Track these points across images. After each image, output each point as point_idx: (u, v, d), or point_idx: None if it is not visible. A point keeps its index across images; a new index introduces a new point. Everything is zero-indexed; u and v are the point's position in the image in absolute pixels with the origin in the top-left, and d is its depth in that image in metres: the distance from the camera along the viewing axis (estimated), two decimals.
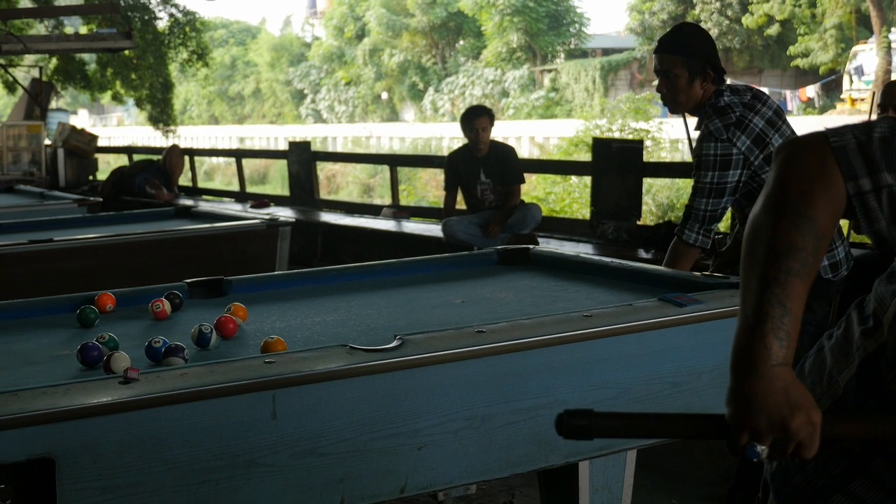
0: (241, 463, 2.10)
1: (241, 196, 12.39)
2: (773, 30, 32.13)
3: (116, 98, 21.27)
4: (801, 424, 1.44)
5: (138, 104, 21.70)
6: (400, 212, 9.50)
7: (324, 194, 15.29)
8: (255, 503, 2.13)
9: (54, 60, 19.00)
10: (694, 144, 3.60)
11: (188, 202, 9.57)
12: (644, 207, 7.28)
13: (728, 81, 3.60)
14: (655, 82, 3.66)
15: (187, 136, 37.54)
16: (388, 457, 2.29)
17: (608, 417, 1.55)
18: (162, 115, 21.10)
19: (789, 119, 3.58)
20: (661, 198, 15.66)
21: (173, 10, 20.27)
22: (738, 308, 1.53)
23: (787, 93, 29.53)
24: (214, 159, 32.96)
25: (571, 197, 14.96)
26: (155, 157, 12.11)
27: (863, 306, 1.69)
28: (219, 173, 33.77)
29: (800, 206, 1.48)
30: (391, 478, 2.31)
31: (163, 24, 20.38)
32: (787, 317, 1.47)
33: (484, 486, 3.97)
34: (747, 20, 32.11)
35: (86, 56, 20.10)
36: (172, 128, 21.40)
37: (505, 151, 7.21)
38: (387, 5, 43.43)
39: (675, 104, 3.62)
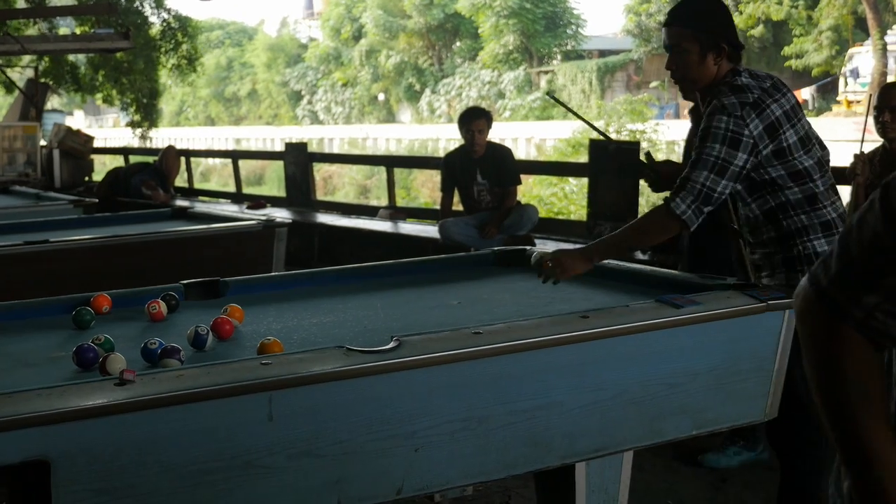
0: (237, 464, 2.09)
1: (237, 197, 12.38)
2: (758, 31, 32.16)
3: (107, 100, 21.24)
4: None
5: (124, 107, 21.68)
6: (397, 213, 9.49)
7: (320, 195, 15.28)
8: None
9: (46, 61, 18.96)
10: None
11: (184, 203, 9.55)
12: (639, 210, 7.29)
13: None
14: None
15: (183, 137, 37.55)
16: (385, 458, 2.28)
17: None
18: (143, 121, 21.07)
19: None
20: (654, 199, 15.66)
21: (165, 15, 20.28)
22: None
23: None
24: (211, 160, 33.01)
25: (568, 198, 14.98)
26: (151, 159, 12.09)
27: None
28: (215, 174, 33.79)
29: (849, 391, 1.48)
30: (388, 479, 2.31)
31: (155, 28, 20.39)
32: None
33: (480, 487, 3.96)
34: (736, 19, 32.15)
35: (78, 57, 20.07)
36: (150, 133, 21.37)
37: (501, 153, 7.21)
38: (384, 6, 43.46)
39: (685, 82, 3.28)
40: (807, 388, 3.06)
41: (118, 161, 15.02)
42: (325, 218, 9.64)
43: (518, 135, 29.89)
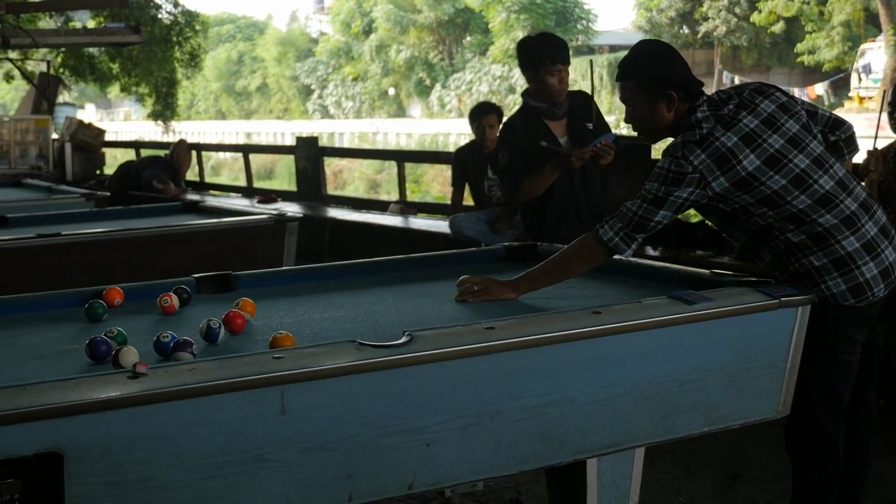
0: (249, 458, 2.09)
1: (248, 191, 12.39)
2: (778, 27, 32.04)
3: (125, 89, 21.31)
4: None
5: (139, 100, 21.75)
6: (407, 208, 9.49)
7: (331, 190, 15.28)
8: (263, 498, 2.13)
9: (61, 55, 19.03)
10: None
11: (195, 197, 9.57)
12: None
13: (711, 90, 3.11)
14: None
15: (194, 130, 37.60)
16: (397, 453, 2.28)
17: None
18: (165, 111, 21.13)
19: None
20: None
21: (173, 10, 20.33)
22: None
23: (796, 90, 29.44)
24: (221, 154, 32.98)
25: None
26: (162, 153, 12.11)
27: None
28: (225, 168, 33.80)
29: None
30: (399, 474, 2.31)
31: (167, 19, 20.44)
32: None
33: (491, 482, 3.96)
34: (756, 17, 32.05)
35: (93, 51, 20.14)
36: (173, 123, 21.44)
37: None
38: (394, 1, 43.42)
39: (642, 132, 3.23)
40: (822, 397, 3.05)
41: (129, 154, 15.05)
42: (335, 212, 9.65)
43: None
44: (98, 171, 14.55)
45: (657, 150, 4.95)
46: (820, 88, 29.15)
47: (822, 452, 3.13)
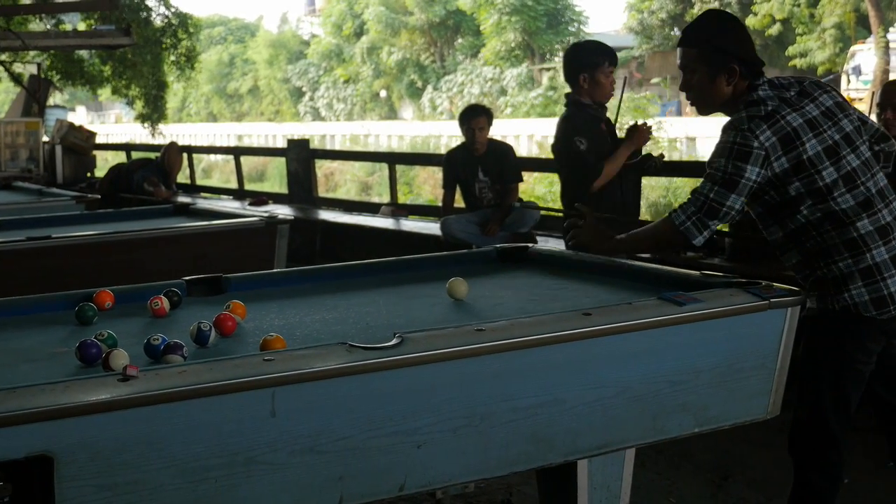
0: (240, 461, 2.09)
1: (239, 194, 12.38)
2: (775, 29, 32.11)
3: (117, 91, 21.26)
4: None
5: (130, 102, 21.70)
6: (398, 210, 9.49)
7: (322, 192, 15.29)
8: (254, 501, 2.13)
9: (51, 57, 18.98)
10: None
11: (186, 199, 9.56)
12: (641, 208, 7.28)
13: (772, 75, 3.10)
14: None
15: (185, 133, 37.55)
16: (388, 455, 2.28)
17: None
18: (153, 114, 21.09)
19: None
20: (653, 197, 15.69)
21: (165, 11, 20.30)
22: None
23: None
24: (212, 157, 32.91)
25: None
26: (153, 155, 12.10)
27: None
28: (217, 171, 33.74)
29: None
30: (390, 476, 2.31)
31: (158, 22, 20.41)
32: None
33: (482, 484, 3.97)
34: (752, 21, 32.09)
35: (83, 53, 20.11)
36: (160, 126, 21.40)
37: (503, 150, 7.21)
38: (385, 3, 43.42)
39: (696, 103, 3.17)
40: (833, 403, 3.04)
41: (120, 157, 15.03)
42: (326, 215, 9.64)
43: (520, 132, 29.85)
44: (89, 174, 14.51)
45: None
46: None
47: (826, 456, 3.11)
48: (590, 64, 4.80)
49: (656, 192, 15.87)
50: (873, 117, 4.68)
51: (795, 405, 3.14)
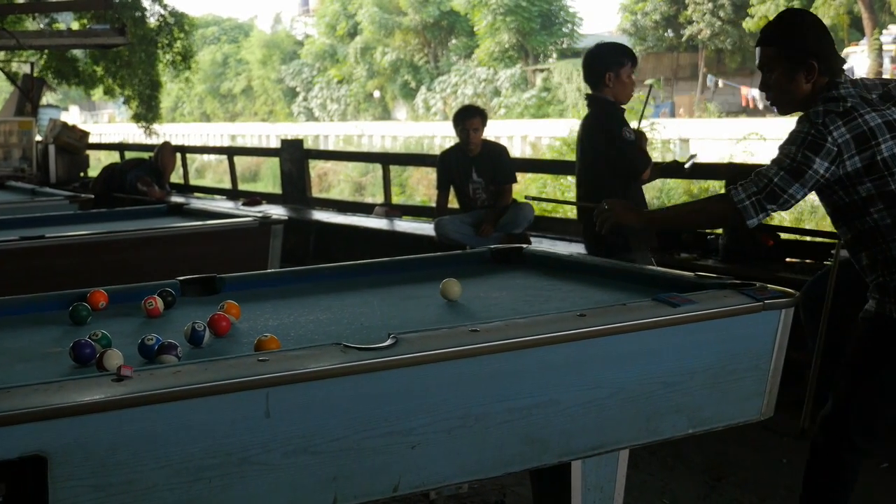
0: (234, 461, 2.09)
1: (232, 194, 12.37)
2: None
3: (109, 92, 21.23)
4: None
5: (126, 102, 21.68)
6: (392, 210, 9.49)
7: (316, 192, 15.25)
8: (248, 501, 2.13)
9: (45, 57, 18.94)
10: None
11: (180, 199, 9.54)
12: None
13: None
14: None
15: (178, 133, 37.51)
16: (382, 455, 2.28)
17: None
18: (147, 114, 21.07)
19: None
20: (648, 197, 15.65)
21: (161, 10, 20.27)
22: None
23: None
24: (206, 157, 32.92)
25: (564, 196, 14.96)
26: (146, 155, 12.08)
27: None
28: (210, 171, 33.75)
29: None
30: (384, 476, 2.31)
31: (152, 22, 20.38)
32: None
33: (476, 484, 3.97)
34: (748, 23, 32.17)
35: (77, 53, 20.08)
36: (155, 126, 21.38)
37: (497, 151, 7.21)
38: (379, 3, 43.42)
39: (776, 103, 3.12)
40: (867, 410, 3.01)
41: (114, 157, 15.01)
42: (320, 215, 9.64)
43: (514, 133, 29.88)
44: (82, 174, 14.49)
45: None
46: None
47: (843, 458, 3.10)
48: (615, 63, 4.80)
49: (650, 193, 15.87)
50: None
51: (837, 391, 3.11)
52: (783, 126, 3.40)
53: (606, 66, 4.80)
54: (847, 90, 2.96)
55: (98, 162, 17.10)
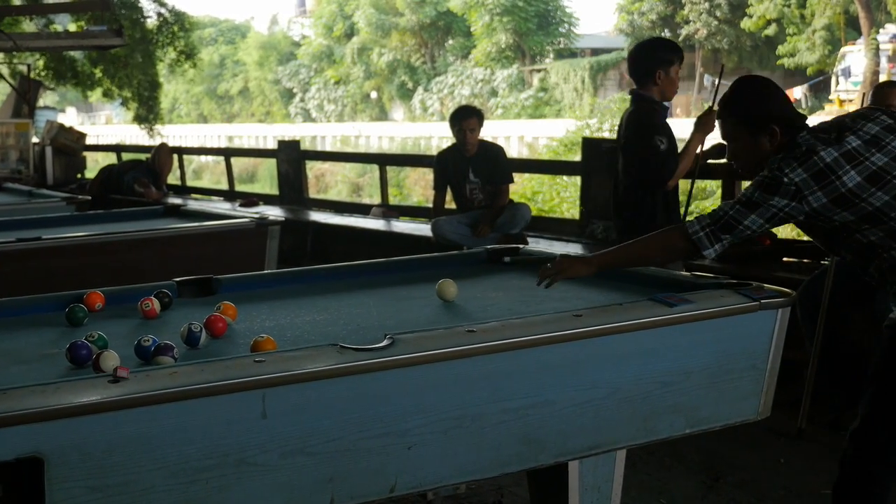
0: (230, 462, 2.09)
1: (229, 195, 12.35)
2: (771, 30, 32.18)
3: (107, 94, 21.21)
4: None
5: (124, 103, 21.66)
6: (389, 211, 9.49)
7: (313, 193, 15.27)
8: (245, 502, 2.13)
9: (43, 58, 18.92)
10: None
11: (177, 201, 9.53)
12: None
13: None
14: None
15: (175, 134, 37.48)
16: (378, 456, 2.28)
17: None
18: (148, 115, 21.07)
19: None
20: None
21: (162, 10, 20.26)
22: None
23: None
24: (203, 158, 32.86)
25: (560, 197, 14.98)
26: (143, 156, 12.07)
27: None
28: (207, 172, 33.71)
29: None
30: (381, 477, 2.31)
31: (151, 22, 20.37)
32: None
33: (473, 485, 3.97)
34: (746, 23, 32.18)
35: (75, 54, 20.06)
36: (157, 127, 21.37)
37: (493, 151, 7.21)
38: (376, 4, 43.40)
39: (745, 169, 3.19)
40: None
41: (111, 158, 14.97)
42: (317, 216, 9.63)
43: (510, 133, 29.88)
44: (79, 175, 14.47)
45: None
46: (798, 91, 29.27)
47: (872, 472, 3.00)
48: (666, 61, 4.79)
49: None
50: None
51: (864, 402, 3.03)
52: None
53: (658, 63, 4.79)
54: (804, 138, 2.99)
55: (95, 163, 17.08)
